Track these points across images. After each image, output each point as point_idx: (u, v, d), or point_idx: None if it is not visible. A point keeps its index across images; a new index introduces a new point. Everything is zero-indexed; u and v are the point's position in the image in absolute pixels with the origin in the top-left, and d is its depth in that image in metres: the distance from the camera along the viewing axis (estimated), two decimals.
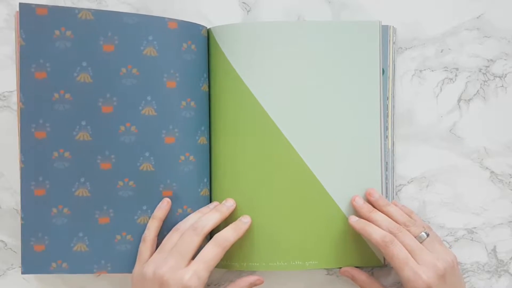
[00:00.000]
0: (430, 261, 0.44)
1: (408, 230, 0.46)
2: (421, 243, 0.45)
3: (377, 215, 0.48)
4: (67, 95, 0.46)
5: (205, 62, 0.50)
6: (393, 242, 0.45)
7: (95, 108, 0.47)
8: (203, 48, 0.50)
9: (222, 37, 0.49)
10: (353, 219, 0.48)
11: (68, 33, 0.46)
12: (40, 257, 0.47)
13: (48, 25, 0.46)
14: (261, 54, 0.49)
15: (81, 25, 0.46)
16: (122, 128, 0.47)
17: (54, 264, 0.47)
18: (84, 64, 0.46)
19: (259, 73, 0.49)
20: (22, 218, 0.46)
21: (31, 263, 0.47)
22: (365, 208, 0.48)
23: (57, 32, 0.46)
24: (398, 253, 0.44)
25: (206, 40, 0.50)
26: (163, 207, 0.48)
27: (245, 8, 0.54)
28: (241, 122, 0.49)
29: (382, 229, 0.46)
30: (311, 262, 0.49)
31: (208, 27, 0.50)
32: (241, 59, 0.49)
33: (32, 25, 0.45)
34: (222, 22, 0.50)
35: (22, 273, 0.47)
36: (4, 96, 0.52)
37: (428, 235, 0.46)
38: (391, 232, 0.46)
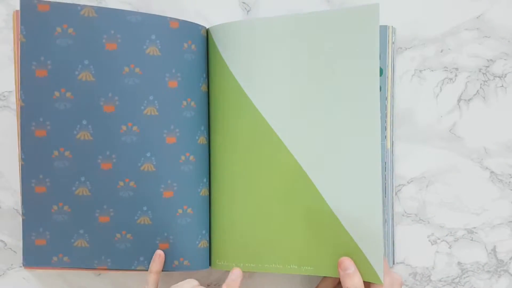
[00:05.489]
0: None
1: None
2: None
3: None
4: (68, 94, 0.46)
5: (204, 62, 0.50)
6: None
7: (96, 107, 0.47)
8: (202, 48, 0.50)
9: (218, 36, 0.49)
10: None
11: (70, 30, 0.45)
12: (41, 251, 0.47)
13: (50, 22, 0.45)
14: (255, 51, 0.48)
15: (83, 22, 0.46)
16: (124, 128, 0.47)
17: (55, 258, 0.47)
18: (86, 62, 0.46)
19: (253, 72, 0.48)
20: (23, 214, 0.47)
21: (32, 257, 0.47)
22: None
23: (58, 29, 0.45)
24: None
25: (206, 40, 0.50)
26: (157, 260, 0.48)
27: (245, 8, 0.54)
28: (236, 123, 0.49)
29: None
30: (306, 267, 0.48)
31: (207, 27, 0.50)
32: (235, 57, 0.48)
33: (33, 21, 0.45)
34: (221, 22, 0.50)
35: (24, 265, 0.47)
36: (4, 96, 0.52)
37: None
38: None
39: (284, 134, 0.48)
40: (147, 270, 0.48)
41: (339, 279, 0.47)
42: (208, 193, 0.51)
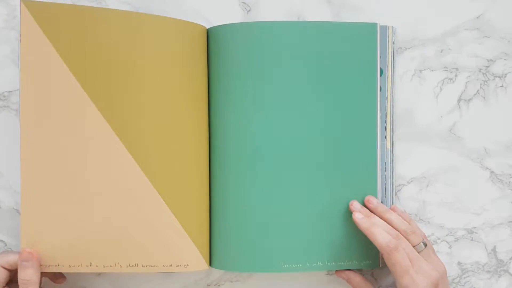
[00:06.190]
0: (426, 271, 0.44)
1: (407, 239, 0.46)
2: (418, 252, 0.46)
3: (376, 220, 0.47)
4: None
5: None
6: (398, 249, 0.44)
7: None
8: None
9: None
10: (359, 216, 0.47)
11: None
12: None
13: None
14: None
15: None
16: None
17: None
18: None
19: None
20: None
21: None
22: (363, 212, 0.48)
23: None
24: (401, 260, 0.44)
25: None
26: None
27: (245, 8, 0.54)
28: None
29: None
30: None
31: (207, 27, 0.50)
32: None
33: None
34: (222, 22, 0.49)
35: None
36: (4, 96, 0.51)
37: (425, 245, 0.46)
38: None
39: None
40: None
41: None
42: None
